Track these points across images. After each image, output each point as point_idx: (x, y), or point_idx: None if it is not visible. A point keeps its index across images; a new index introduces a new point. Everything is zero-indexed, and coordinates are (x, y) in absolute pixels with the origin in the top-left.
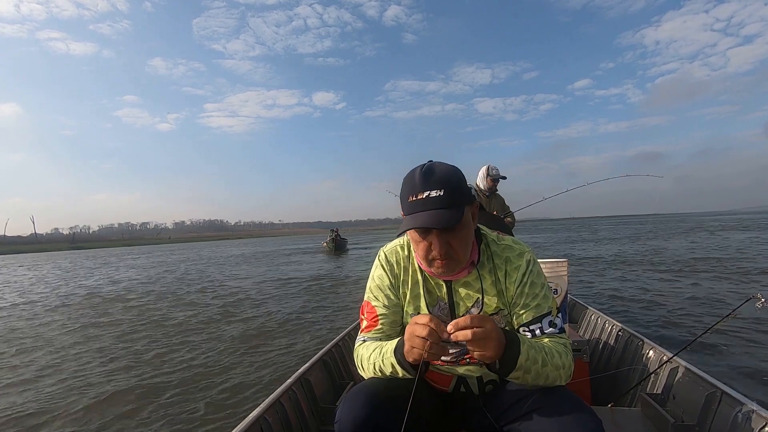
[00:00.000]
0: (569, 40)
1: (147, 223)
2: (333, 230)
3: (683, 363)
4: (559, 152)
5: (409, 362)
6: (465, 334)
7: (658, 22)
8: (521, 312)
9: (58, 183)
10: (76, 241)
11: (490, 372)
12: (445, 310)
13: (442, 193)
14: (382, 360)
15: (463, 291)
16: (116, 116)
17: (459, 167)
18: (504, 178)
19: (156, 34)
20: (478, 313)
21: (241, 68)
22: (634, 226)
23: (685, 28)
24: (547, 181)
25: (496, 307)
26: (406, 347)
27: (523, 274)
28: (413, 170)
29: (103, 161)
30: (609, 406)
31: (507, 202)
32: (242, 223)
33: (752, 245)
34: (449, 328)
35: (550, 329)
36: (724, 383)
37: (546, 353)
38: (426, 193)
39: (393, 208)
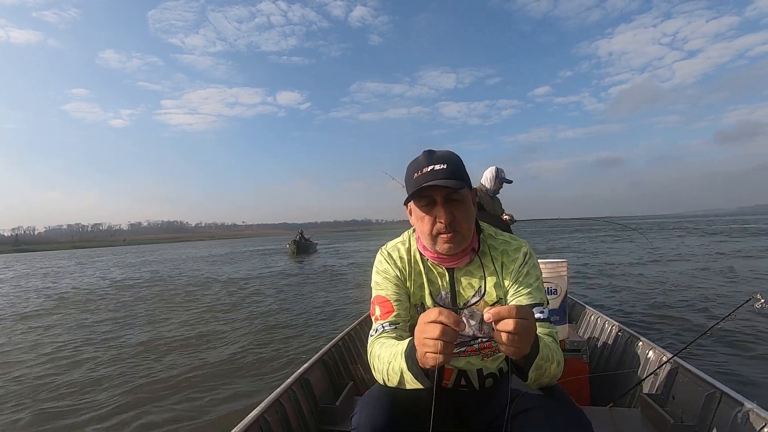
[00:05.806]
0: (530, 48)
1: (99, 224)
2: (299, 232)
3: (683, 363)
4: (521, 157)
5: (422, 368)
6: (507, 324)
7: (611, 35)
8: (511, 300)
9: (2, 179)
10: (20, 243)
11: (491, 366)
12: (447, 300)
13: (445, 167)
14: (393, 367)
15: (464, 280)
16: (64, 110)
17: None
18: (510, 182)
19: (108, 24)
20: (478, 302)
21: (201, 64)
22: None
23: (635, 41)
24: (512, 185)
25: (496, 295)
26: (419, 354)
27: (520, 265)
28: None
29: (51, 157)
30: (608, 406)
31: (503, 205)
32: (203, 225)
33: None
34: (486, 316)
35: (539, 315)
36: (724, 383)
37: (551, 349)
38: (431, 167)
39: (359, 209)
